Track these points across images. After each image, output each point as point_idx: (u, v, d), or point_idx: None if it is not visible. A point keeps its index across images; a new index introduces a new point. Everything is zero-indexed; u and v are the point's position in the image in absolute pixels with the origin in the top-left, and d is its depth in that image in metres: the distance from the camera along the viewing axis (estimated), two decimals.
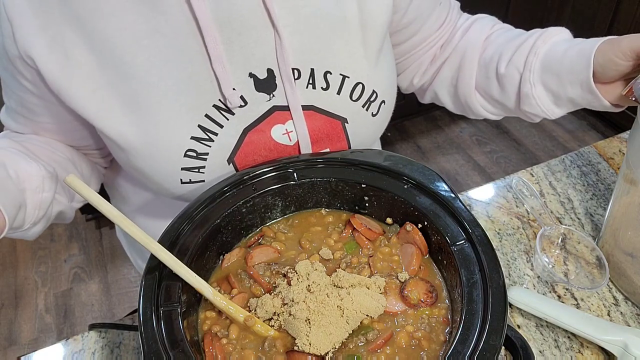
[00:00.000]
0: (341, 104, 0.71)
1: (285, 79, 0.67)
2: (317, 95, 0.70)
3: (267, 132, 0.70)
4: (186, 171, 0.69)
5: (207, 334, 0.57)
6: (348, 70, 0.70)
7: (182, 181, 0.70)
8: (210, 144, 0.68)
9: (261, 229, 0.69)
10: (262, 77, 0.67)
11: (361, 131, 0.75)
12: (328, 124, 0.72)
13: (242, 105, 0.67)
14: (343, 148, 0.76)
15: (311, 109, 0.71)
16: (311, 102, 0.70)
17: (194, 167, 0.68)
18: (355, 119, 0.73)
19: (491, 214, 0.88)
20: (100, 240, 2.22)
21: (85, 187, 0.54)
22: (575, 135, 2.50)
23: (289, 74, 0.67)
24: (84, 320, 1.93)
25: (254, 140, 0.70)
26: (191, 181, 0.70)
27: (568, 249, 0.81)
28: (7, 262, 2.16)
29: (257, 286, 0.61)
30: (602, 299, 0.75)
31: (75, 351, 0.73)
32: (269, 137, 0.70)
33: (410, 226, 0.64)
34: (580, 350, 0.69)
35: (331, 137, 0.74)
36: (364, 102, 0.73)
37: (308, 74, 0.69)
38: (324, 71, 0.69)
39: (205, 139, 0.67)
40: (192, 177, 0.69)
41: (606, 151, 0.98)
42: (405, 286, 0.60)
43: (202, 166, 0.69)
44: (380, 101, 0.74)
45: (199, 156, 0.68)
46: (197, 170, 0.69)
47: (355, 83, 0.71)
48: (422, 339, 0.55)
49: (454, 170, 2.38)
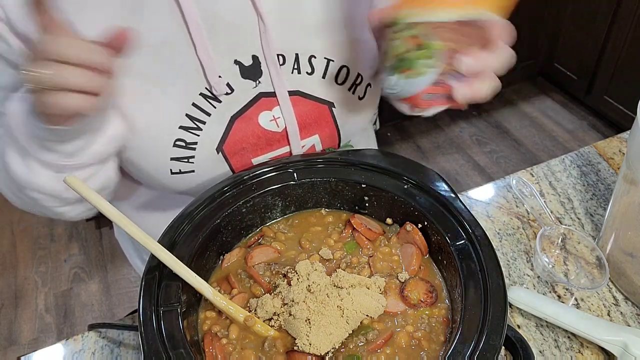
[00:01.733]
0: (327, 88, 0.72)
1: (271, 65, 0.67)
2: (302, 80, 0.70)
3: (255, 119, 0.70)
4: (176, 161, 0.69)
5: (207, 334, 0.57)
6: (332, 53, 0.70)
7: (172, 171, 0.69)
8: (198, 133, 0.68)
9: (261, 229, 0.69)
10: (248, 64, 0.67)
11: (349, 115, 0.75)
12: (315, 109, 0.72)
13: (228, 92, 0.67)
14: (332, 133, 0.76)
15: (297, 94, 0.71)
16: (297, 87, 0.70)
17: (183, 157, 0.68)
18: (342, 103, 0.74)
19: (491, 214, 0.88)
20: (100, 240, 2.22)
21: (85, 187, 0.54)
22: (575, 135, 2.50)
23: (274, 60, 0.67)
24: (84, 320, 1.93)
25: (241, 127, 0.70)
26: (181, 171, 0.70)
27: (568, 249, 0.81)
28: (7, 262, 2.16)
29: (257, 286, 0.61)
30: (602, 299, 0.75)
31: (75, 351, 0.73)
32: (257, 124, 0.70)
33: (410, 226, 0.64)
34: (580, 350, 0.69)
35: (319, 122, 0.74)
36: (349, 86, 0.73)
37: (293, 59, 0.69)
38: (309, 55, 0.69)
39: (193, 128, 0.67)
40: (181, 167, 0.69)
41: (606, 151, 0.98)
42: (405, 286, 0.60)
43: (191, 156, 0.69)
44: (366, 84, 0.74)
45: (187, 146, 0.68)
46: (187, 160, 0.69)
47: (340, 66, 0.71)
48: (422, 339, 0.55)
49: (454, 170, 2.38)
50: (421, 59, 0.52)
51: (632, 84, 2.23)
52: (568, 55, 2.51)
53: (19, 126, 0.57)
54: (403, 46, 0.52)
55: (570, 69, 2.53)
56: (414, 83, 0.54)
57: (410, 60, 0.52)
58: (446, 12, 0.49)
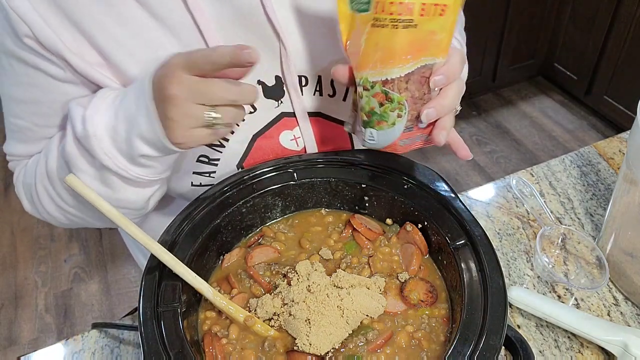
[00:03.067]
0: (347, 111, 0.72)
1: (291, 86, 0.68)
2: (324, 102, 0.71)
3: (276, 138, 0.71)
4: (197, 175, 0.71)
5: (207, 334, 0.57)
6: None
7: (192, 184, 0.72)
8: (221, 150, 0.69)
9: (261, 229, 0.69)
10: (271, 85, 0.68)
11: None
12: (334, 129, 0.74)
13: (251, 111, 0.68)
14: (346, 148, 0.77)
15: (318, 115, 0.72)
16: (318, 108, 0.72)
17: (205, 171, 0.70)
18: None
19: (491, 214, 0.88)
20: (100, 240, 2.22)
21: (86, 187, 0.54)
22: (575, 135, 2.50)
23: (294, 82, 0.68)
24: (84, 320, 1.93)
25: (262, 146, 0.71)
26: (201, 184, 0.72)
27: (568, 249, 0.81)
28: (7, 262, 2.16)
29: (257, 286, 0.61)
30: (602, 299, 0.75)
31: (75, 351, 0.73)
32: (277, 142, 0.72)
33: (410, 226, 0.64)
34: (580, 350, 0.69)
35: (336, 140, 0.75)
36: None
37: (315, 80, 0.70)
38: (331, 78, 0.70)
39: (217, 145, 0.69)
40: (202, 181, 0.71)
41: (606, 151, 0.98)
42: (405, 286, 0.60)
43: (212, 171, 0.71)
44: None
45: (210, 162, 0.70)
46: (208, 175, 0.71)
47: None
48: (422, 339, 0.55)
49: (454, 170, 2.38)
50: (388, 111, 0.56)
51: (632, 84, 2.23)
52: (568, 55, 2.51)
53: (103, 141, 0.57)
54: (371, 102, 0.57)
55: (570, 69, 2.53)
56: (388, 133, 0.58)
57: (380, 114, 0.57)
58: (398, 68, 0.54)
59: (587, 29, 2.33)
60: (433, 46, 0.54)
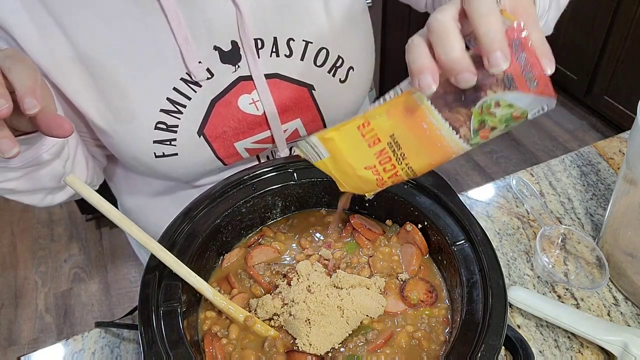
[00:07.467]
0: (305, 70, 0.72)
1: (248, 50, 0.68)
2: (281, 62, 0.71)
3: (234, 103, 0.71)
4: (158, 144, 0.70)
5: (207, 334, 0.57)
6: (311, 36, 0.71)
7: (156, 155, 0.71)
8: (179, 116, 0.69)
9: (261, 229, 0.69)
10: (227, 50, 0.68)
11: (330, 99, 0.76)
12: (295, 92, 0.73)
13: (208, 77, 0.69)
14: (314, 118, 0.76)
15: (275, 77, 0.71)
16: (275, 70, 0.71)
17: (165, 139, 0.70)
18: (322, 86, 0.74)
19: (491, 214, 0.88)
20: (100, 240, 2.22)
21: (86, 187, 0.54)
22: (575, 135, 2.50)
23: (250, 45, 0.68)
24: (84, 320, 1.93)
25: (221, 111, 0.71)
26: (165, 154, 0.71)
27: (568, 249, 0.81)
28: (7, 262, 2.16)
29: (257, 286, 0.61)
30: (602, 299, 0.75)
31: (75, 351, 0.73)
32: (236, 107, 0.72)
33: (410, 226, 0.64)
34: (580, 350, 0.69)
35: (300, 106, 0.74)
36: (329, 68, 0.73)
37: (271, 42, 0.70)
38: (287, 38, 0.70)
39: (174, 112, 0.69)
40: (165, 150, 0.71)
41: (606, 151, 0.98)
42: (405, 286, 0.60)
43: (173, 138, 0.70)
44: (348, 67, 0.75)
45: (169, 128, 0.69)
46: (169, 143, 0.70)
47: (318, 48, 0.72)
48: (422, 339, 0.55)
49: (454, 170, 2.38)
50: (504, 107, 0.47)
51: (632, 84, 2.23)
52: (568, 55, 2.51)
53: None
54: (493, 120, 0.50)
55: (570, 69, 2.53)
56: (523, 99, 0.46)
57: (499, 117, 0.50)
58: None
59: (587, 29, 2.33)
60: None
